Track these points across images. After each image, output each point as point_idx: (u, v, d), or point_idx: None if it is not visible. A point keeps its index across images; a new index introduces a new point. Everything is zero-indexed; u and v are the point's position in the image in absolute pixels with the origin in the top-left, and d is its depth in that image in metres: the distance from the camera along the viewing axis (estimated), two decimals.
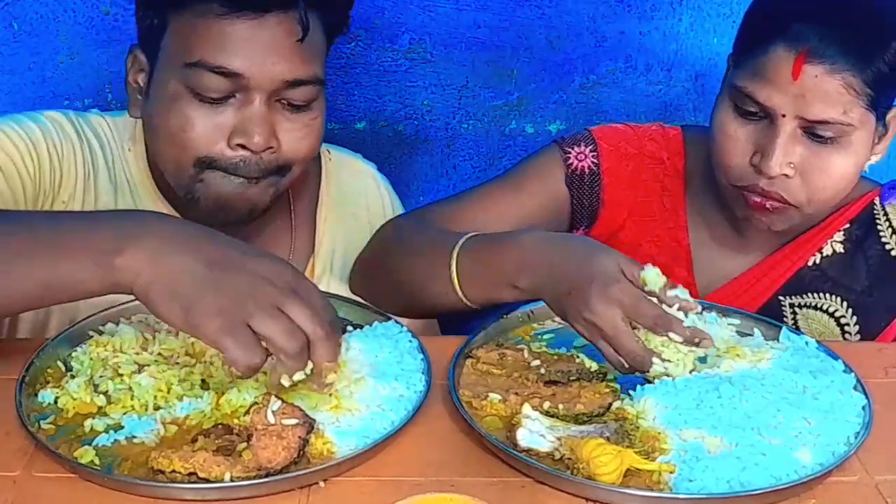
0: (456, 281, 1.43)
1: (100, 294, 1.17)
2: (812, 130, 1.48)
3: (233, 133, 1.47)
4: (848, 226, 1.66)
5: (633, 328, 1.26)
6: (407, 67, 2.20)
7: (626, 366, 1.28)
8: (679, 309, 1.27)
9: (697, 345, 1.27)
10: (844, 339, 1.66)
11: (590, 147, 1.71)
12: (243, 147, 1.47)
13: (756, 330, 1.47)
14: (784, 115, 1.47)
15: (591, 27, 2.19)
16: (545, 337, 1.48)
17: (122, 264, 1.13)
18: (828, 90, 1.45)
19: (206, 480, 1.13)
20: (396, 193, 1.86)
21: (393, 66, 2.20)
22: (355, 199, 1.78)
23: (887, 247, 1.65)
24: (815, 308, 1.66)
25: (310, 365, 1.17)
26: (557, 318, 1.51)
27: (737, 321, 1.50)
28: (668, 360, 1.27)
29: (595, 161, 1.70)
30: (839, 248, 1.66)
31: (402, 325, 1.43)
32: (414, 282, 1.49)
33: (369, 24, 2.15)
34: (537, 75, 2.22)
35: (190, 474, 1.13)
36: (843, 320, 1.66)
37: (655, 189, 1.72)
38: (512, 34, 2.19)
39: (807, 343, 1.43)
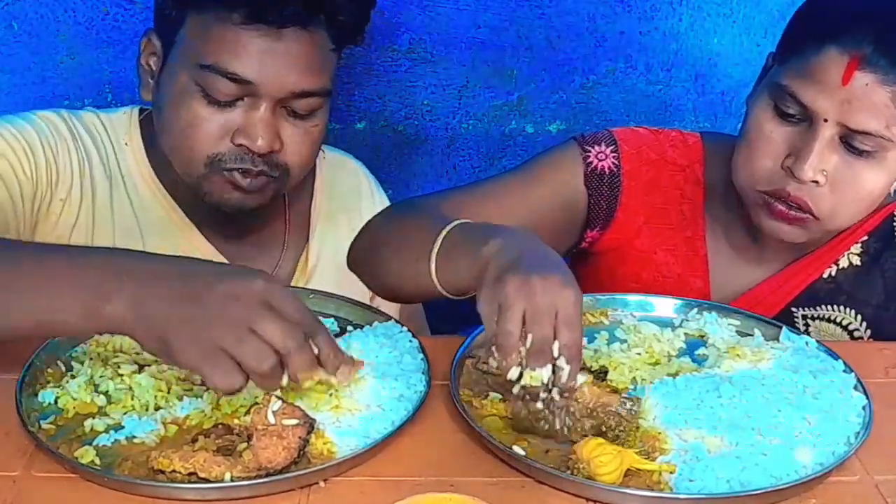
0: (433, 267, 1.36)
1: (88, 334, 1.33)
2: (850, 140, 1.43)
3: (237, 133, 1.52)
4: (866, 238, 1.63)
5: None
6: (407, 67, 2.19)
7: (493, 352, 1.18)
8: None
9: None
10: None
11: (611, 147, 1.66)
12: (246, 147, 1.52)
13: (756, 330, 1.47)
14: (826, 120, 1.42)
15: (591, 27, 2.19)
16: None
17: (108, 313, 1.15)
18: (875, 101, 1.40)
19: (206, 480, 1.13)
20: (396, 193, 1.88)
21: (393, 66, 2.19)
22: (349, 198, 1.82)
23: None
24: (829, 321, 1.64)
25: (285, 378, 1.16)
26: None
27: (737, 321, 1.50)
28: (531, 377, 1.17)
29: (616, 162, 1.65)
30: (856, 261, 1.63)
31: (402, 326, 1.43)
32: (397, 268, 1.46)
33: (369, 24, 2.15)
34: (537, 75, 2.22)
35: (190, 474, 1.13)
36: (856, 333, 1.63)
37: (675, 196, 1.68)
38: (512, 34, 2.19)
39: (807, 343, 1.43)
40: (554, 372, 1.17)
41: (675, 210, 1.68)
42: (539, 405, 1.20)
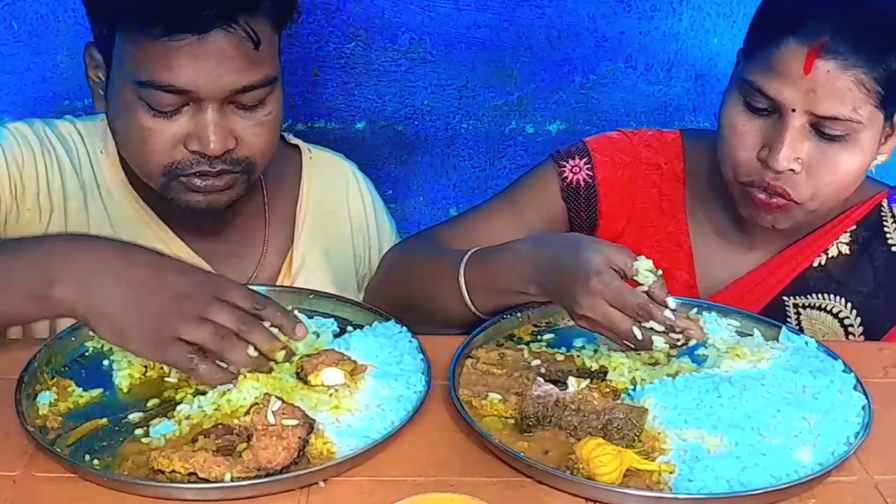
0: (465, 293, 1.48)
1: (38, 319, 1.36)
2: (820, 127, 1.47)
3: (189, 139, 1.49)
4: (854, 227, 1.65)
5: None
6: (407, 67, 2.20)
7: (633, 346, 1.31)
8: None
9: (683, 338, 1.30)
10: (847, 340, 1.65)
11: (584, 159, 1.71)
12: (200, 152, 1.50)
13: (756, 330, 1.47)
14: (793, 110, 1.46)
15: (591, 27, 2.20)
16: (545, 337, 1.48)
17: (57, 296, 1.23)
18: (839, 86, 1.43)
19: (206, 480, 1.13)
20: (397, 193, 1.87)
21: (393, 66, 2.20)
22: (336, 197, 1.80)
23: (894, 249, 1.64)
24: (820, 309, 1.65)
25: (251, 349, 1.27)
26: (557, 318, 1.52)
27: (737, 322, 1.51)
28: (668, 334, 1.29)
29: (590, 173, 1.70)
30: (845, 250, 1.65)
31: (402, 326, 1.44)
32: (426, 300, 1.53)
33: (369, 24, 2.16)
34: (537, 75, 2.23)
35: (190, 474, 1.13)
36: (846, 321, 1.65)
37: (652, 195, 1.71)
38: (512, 34, 2.19)
39: (806, 343, 1.43)
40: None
41: (654, 208, 1.71)
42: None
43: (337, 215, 1.79)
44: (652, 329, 1.29)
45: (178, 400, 1.29)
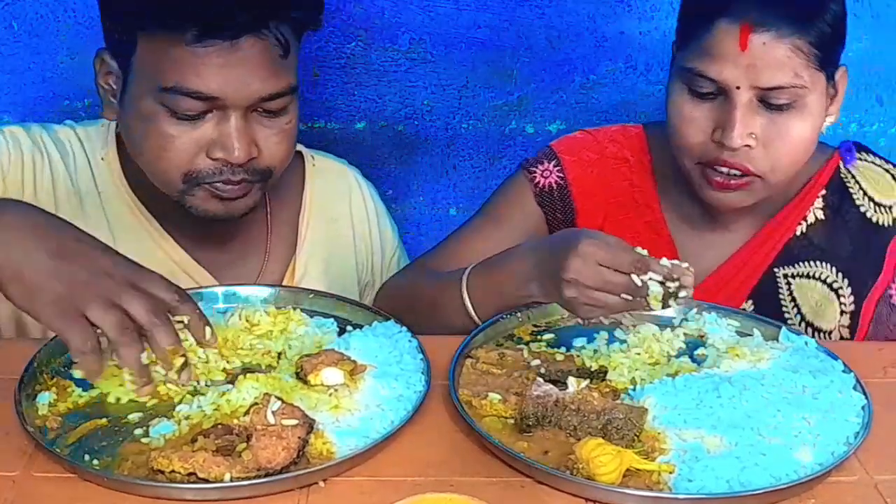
0: (470, 307, 1.49)
1: None
2: (767, 99, 1.50)
3: (212, 147, 1.48)
4: (824, 192, 1.69)
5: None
6: (407, 67, 2.20)
7: (631, 298, 1.31)
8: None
9: (677, 285, 1.30)
10: (840, 303, 1.67)
11: (553, 162, 1.75)
12: (224, 160, 1.49)
13: (756, 330, 1.47)
14: (738, 88, 1.50)
15: (591, 27, 2.20)
16: (545, 337, 1.48)
17: None
18: (777, 56, 1.48)
19: (206, 480, 1.13)
20: (397, 193, 1.87)
21: (393, 66, 2.20)
22: (339, 203, 1.79)
23: (862, 209, 1.68)
24: (809, 277, 1.68)
25: (144, 355, 1.22)
26: (556, 319, 1.52)
27: (737, 322, 1.51)
28: (661, 282, 1.31)
29: (560, 174, 1.74)
30: (820, 216, 1.68)
31: (402, 326, 1.44)
32: (426, 321, 1.53)
33: (369, 24, 2.16)
34: (537, 75, 2.23)
35: (189, 474, 1.13)
36: (835, 285, 1.68)
37: (624, 187, 1.74)
38: (512, 34, 2.19)
39: (806, 343, 1.43)
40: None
41: (628, 200, 1.74)
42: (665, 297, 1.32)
43: (339, 222, 1.79)
44: (651, 279, 1.31)
45: (178, 400, 1.29)
